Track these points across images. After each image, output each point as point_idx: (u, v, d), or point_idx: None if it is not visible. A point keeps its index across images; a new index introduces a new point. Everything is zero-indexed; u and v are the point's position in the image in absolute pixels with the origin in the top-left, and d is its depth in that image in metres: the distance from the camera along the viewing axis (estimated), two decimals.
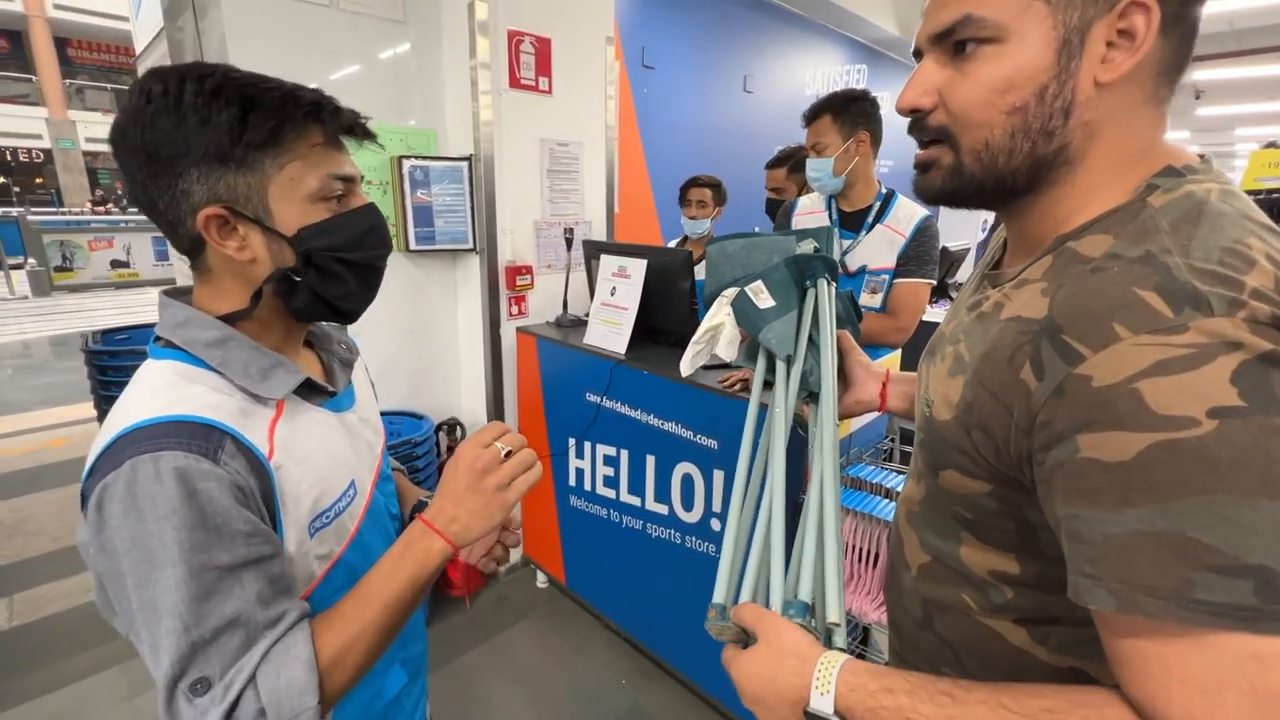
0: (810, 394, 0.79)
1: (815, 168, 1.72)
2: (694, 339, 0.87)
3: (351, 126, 0.64)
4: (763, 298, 0.82)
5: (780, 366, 0.79)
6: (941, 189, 0.57)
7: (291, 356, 0.69)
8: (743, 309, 0.83)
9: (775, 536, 0.63)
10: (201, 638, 0.52)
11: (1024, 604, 0.57)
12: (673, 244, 2.70)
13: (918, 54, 0.57)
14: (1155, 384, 0.41)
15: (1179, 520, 0.40)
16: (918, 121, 0.56)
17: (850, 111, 1.70)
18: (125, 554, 0.52)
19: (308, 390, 0.68)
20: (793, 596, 0.58)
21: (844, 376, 0.91)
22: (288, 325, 0.68)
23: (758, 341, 0.82)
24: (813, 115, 1.73)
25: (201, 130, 0.56)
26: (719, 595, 0.62)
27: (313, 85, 0.63)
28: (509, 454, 0.67)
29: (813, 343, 0.81)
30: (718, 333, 0.84)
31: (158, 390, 0.59)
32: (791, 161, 2.35)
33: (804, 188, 2.37)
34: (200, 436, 0.55)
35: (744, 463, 0.74)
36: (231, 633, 0.54)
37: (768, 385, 0.81)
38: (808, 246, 0.90)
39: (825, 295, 0.84)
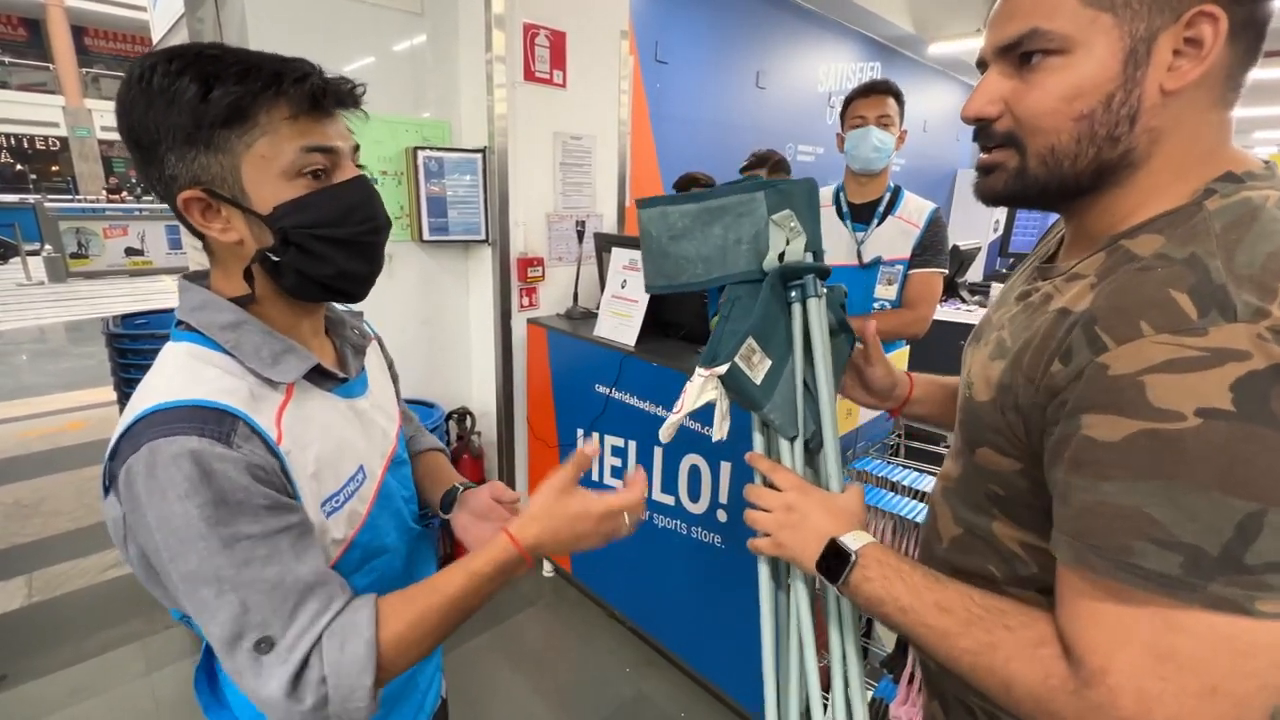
0: (808, 448, 0.73)
1: (880, 139, 1.73)
2: (674, 417, 0.73)
3: (319, 95, 0.59)
4: (758, 363, 0.68)
5: (782, 441, 0.71)
6: (1004, 191, 0.58)
7: (306, 341, 0.69)
8: (738, 384, 0.68)
9: (806, 634, 0.71)
10: (250, 599, 0.54)
11: (1048, 577, 0.59)
12: None
13: (982, 65, 0.58)
14: (1159, 379, 0.44)
15: (1139, 497, 0.44)
16: (983, 129, 0.58)
17: (903, 105, 1.77)
18: (157, 530, 0.54)
19: (318, 376, 0.68)
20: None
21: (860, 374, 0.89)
22: (296, 308, 0.68)
23: (762, 419, 0.70)
24: (884, 90, 1.75)
25: (168, 112, 0.55)
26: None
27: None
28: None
29: (806, 388, 0.70)
30: (708, 407, 0.71)
31: (174, 373, 0.60)
32: (771, 162, 2.36)
33: None
34: (213, 421, 0.56)
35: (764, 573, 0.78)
36: (283, 594, 0.55)
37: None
38: (784, 222, 0.70)
39: (817, 321, 0.70)
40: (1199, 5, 0.48)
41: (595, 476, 2.10)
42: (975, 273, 4.25)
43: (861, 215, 1.83)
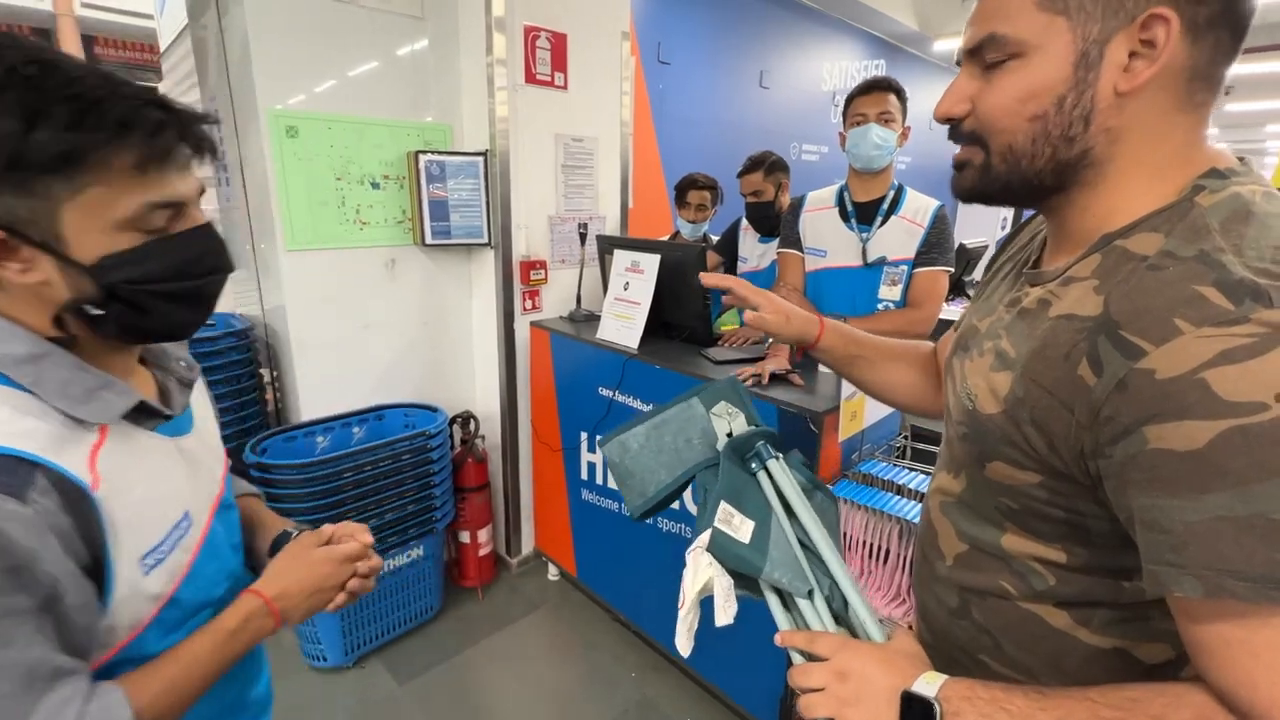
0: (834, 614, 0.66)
1: (882, 136, 1.71)
2: (682, 612, 0.69)
3: (174, 147, 0.52)
4: (739, 524, 0.66)
5: (801, 602, 0.65)
6: (973, 187, 0.60)
7: (122, 374, 0.61)
8: (726, 550, 0.66)
9: None
10: (2, 685, 0.47)
11: (1067, 589, 0.58)
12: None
13: (960, 64, 0.61)
14: (1221, 373, 0.42)
15: (1260, 503, 0.40)
16: (953, 128, 0.60)
17: (905, 102, 1.76)
18: None
19: (139, 414, 0.60)
20: None
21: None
22: (110, 344, 0.59)
23: (767, 582, 0.66)
24: (885, 87, 1.74)
25: None
26: None
27: (330, 81, 0.55)
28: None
29: (804, 547, 0.67)
30: (708, 590, 0.68)
31: None
32: (767, 164, 2.34)
33: (781, 188, 2.35)
34: (6, 471, 0.49)
35: None
36: (32, 679, 0.49)
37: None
38: (723, 411, 0.75)
39: (785, 480, 0.69)
40: (1152, 8, 0.48)
41: (599, 480, 2.09)
42: (981, 272, 4.22)
43: (865, 214, 1.81)
